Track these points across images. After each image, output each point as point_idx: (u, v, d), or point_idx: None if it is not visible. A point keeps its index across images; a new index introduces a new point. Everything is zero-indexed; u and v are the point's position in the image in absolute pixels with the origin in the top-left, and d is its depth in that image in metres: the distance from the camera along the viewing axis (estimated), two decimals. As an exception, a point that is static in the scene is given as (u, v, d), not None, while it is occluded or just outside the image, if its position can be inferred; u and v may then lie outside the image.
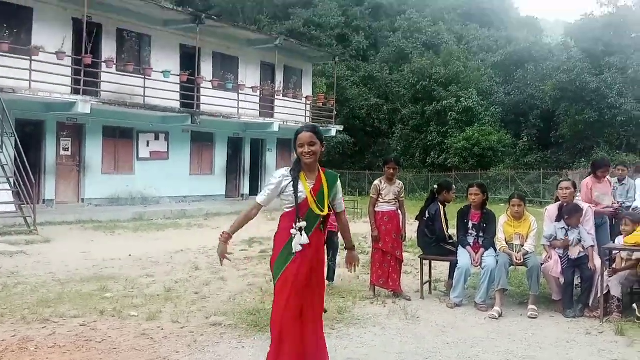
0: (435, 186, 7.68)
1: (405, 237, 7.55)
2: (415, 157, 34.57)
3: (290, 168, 4.18)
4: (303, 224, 4.03)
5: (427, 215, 7.41)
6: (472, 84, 34.31)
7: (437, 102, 33.44)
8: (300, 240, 4.03)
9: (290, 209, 4.11)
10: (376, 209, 7.36)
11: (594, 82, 29.01)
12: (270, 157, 25.29)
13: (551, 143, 32.35)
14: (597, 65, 30.34)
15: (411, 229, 7.96)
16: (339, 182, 4.26)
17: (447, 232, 7.40)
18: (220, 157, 23.04)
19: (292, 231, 4.03)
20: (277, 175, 4.19)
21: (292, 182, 4.09)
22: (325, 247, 5.04)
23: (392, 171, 7.32)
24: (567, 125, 30.62)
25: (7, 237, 11.96)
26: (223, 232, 4.20)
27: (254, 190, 24.81)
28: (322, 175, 4.16)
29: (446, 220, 7.43)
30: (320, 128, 4.45)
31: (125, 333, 5.51)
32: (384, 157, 7.66)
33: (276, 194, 4.16)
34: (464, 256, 6.91)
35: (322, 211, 4.06)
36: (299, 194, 4.06)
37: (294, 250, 4.01)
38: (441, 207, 7.45)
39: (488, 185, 7.49)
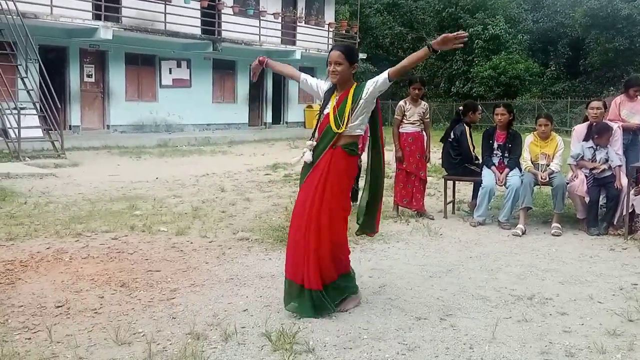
0: (461, 107, 7.60)
1: (430, 158, 7.54)
2: (440, 86, 34.08)
3: (329, 84, 4.14)
4: (311, 143, 4.01)
5: (452, 137, 7.37)
6: (500, 11, 33.32)
7: (463, 29, 32.54)
8: (304, 157, 4.03)
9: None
10: (400, 130, 7.34)
11: (626, 8, 27.99)
12: (293, 86, 25.12)
13: (579, 72, 31.60)
14: (631, -10, 29.17)
15: (435, 156, 7.93)
16: (367, 83, 4.03)
17: (472, 152, 7.38)
18: (242, 85, 22.95)
19: (305, 149, 4.04)
20: (317, 81, 4.26)
21: (324, 97, 4.09)
22: None
23: (417, 91, 7.24)
24: (596, 53, 29.78)
25: (36, 160, 12.21)
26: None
27: (277, 119, 24.84)
28: (352, 89, 4.02)
29: (472, 140, 7.39)
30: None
31: (156, 246, 5.67)
32: (409, 78, 7.55)
33: (310, 88, 4.23)
34: (488, 176, 6.90)
35: (338, 128, 3.94)
36: (325, 111, 4.04)
37: (305, 160, 4.03)
38: (467, 127, 7.40)
39: (514, 114, 7.38)
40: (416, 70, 34.00)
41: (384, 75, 3.97)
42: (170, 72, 20.24)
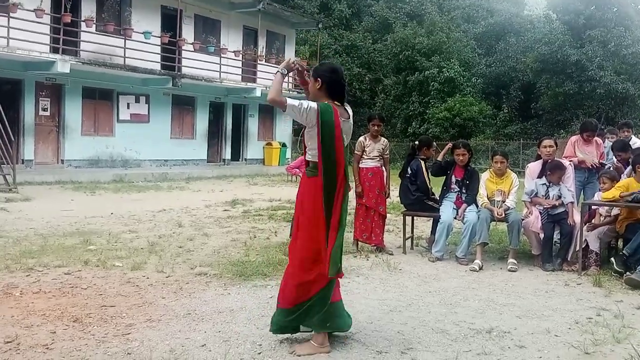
0: (416, 142, 7.74)
1: (389, 193, 7.62)
2: (397, 127, 34.58)
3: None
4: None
5: (409, 172, 7.48)
6: (455, 55, 34.25)
7: (419, 72, 33.34)
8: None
9: None
10: (360, 165, 7.42)
11: (575, 54, 29.18)
12: (252, 123, 25.21)
13: (531, 115, 32.60)
14: (579, 38, 30.47)
15: (394, 193, 8.02)
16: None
17: (430, 187, 7.49)
18: (201, 121, 22.89)
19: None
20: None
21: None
22: None
23: (376, 127, 7.36)
24: (547, 97, 30.83)
25: (-14, 194, 11.82)
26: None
27: (236, 155, 24.79)
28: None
29: (428, 175, 7.51)
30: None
31: (111, 281, 5.52)
32: (368, 115, 7.68)
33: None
34: (446, 212, 7.00)
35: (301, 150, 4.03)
36: None
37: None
38: (422, 162, 7.52)
39: (472, 153, 7.57)
40: (374, 108, 34.62)
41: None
42: (128, 107, 20.05)
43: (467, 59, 35.05)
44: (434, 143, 7.99)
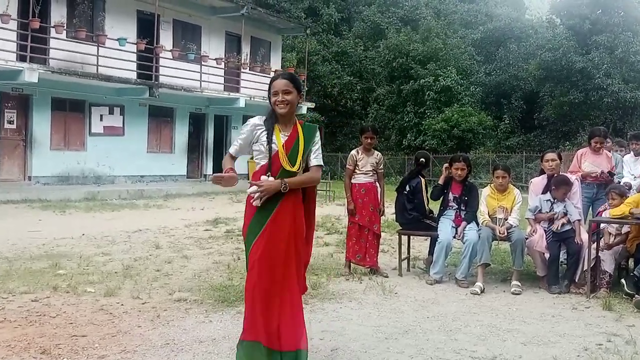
0: (422, 159, 7.76)
1: (384, 211, 7.63)
2: (391, 139, 34.72)
3: (263, 117, 4.10)
4: (270, 178, 3.92)
5: (407, 189, 7.50)
6: (452, 62, 34.50)
7: (414, 80, 33.55)
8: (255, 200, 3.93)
9: (264, 163, 4.00)
10: (352, 181, 7.43)
11: (580, 61, 29.45)
12: (236, 135, 25.17)
13: (534, 126, 32.84)
14: (584, 45, 30.79)
15: (389, 210, 8.05)
16: (318, 134, 4.15)
17: (427, 206, 7.52)
18: (180, 134, 22.88)
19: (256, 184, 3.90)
20: (249, 124, 4.10)
21: (265, 132, 4.00)
22: None
23: (369, 140, 7.38)
24: (551, 107, 31.08)
25: (-55, 214, 11.71)
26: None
27: (218, 170, 24.63)
28: (299, 127, 4.07)
29: (427, 194, 7.54)
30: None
31: (82, 308, 5.47)
32: (360, 127, 7.71)
33: (247, 144, 4.06)
34: (445, 230, 7.02)
35: (292, 167, 3.95)
36: (273, 146, 3.96)
37: (253, 203, 3.91)
38: (423, 180, 7.55)
39: (472, 167, 7.61)
40: (366, 120, 34.75)
41: (312, 163, 4.10)
42: (101, 119, 20.01)
43: (465, 67, 35.31)
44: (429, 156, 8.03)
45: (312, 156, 4.11)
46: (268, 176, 3.93)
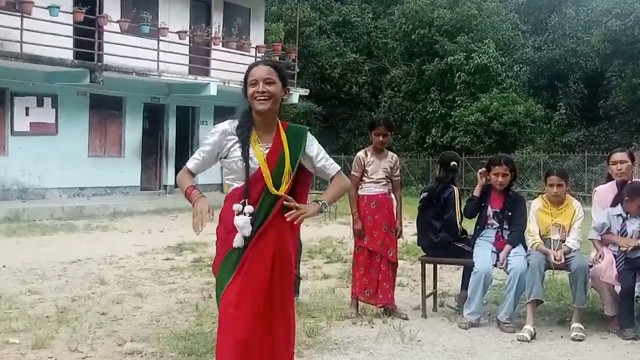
0: (454, 163, 7.77)
1: (401, 231, 7.62)
2: (410, 136, 34.73)
3: (236, 122, 4.11)
4: (249, 208, 3.95)
5: (439, 201, 7.47)
6: (489, 34, 34.56)
7: (440, 58, 33.62)
8: (243, 230, 3.95)
9: (239, 185, 4.05)
10: (360, 192, 7.42)
11: (660, 31, 29.55)
12: (205, 132, 25.11)
13: (599, 116, 32.86)
14: (664, 8, 30.93)
15: (408, 230, 8.00)
16: (309, 137, 4.17)
17: (460, 224, 7.52)
18: (132, 132, 22.87)
19: (237, 218, 3.95)
20: (216, 131, 4.11)
21: (238, 144, 4.02)
22: None
23: (381, 138, 7.38)
24: (620, 91, 31.09)
25: None
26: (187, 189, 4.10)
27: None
28: (282, 134, 4.10)
29: (460, 209, 7.54)
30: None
31: (3, 365, 5.48)
32: (370, 120, 7.72)
33: (213, 158, 4.10)
34: (482, 256, 7.01)
35: (277, 189, 3.98)
36: (251, 163, 3.99)
37: (235, 245, 3.96)
38: (455, 190, 7.56)
39: (516, 173, 7.59)
40: (378, 110, 34.75)
41: (330, 173, 4.21)
42: (27, 113, 19.98)
43: (506, 40, 35.34)
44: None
45: (321, 164, 4.19)
46: (243, 205, 3.95)
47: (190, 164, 4.14)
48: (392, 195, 7.51)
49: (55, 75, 19.89)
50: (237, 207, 3.97)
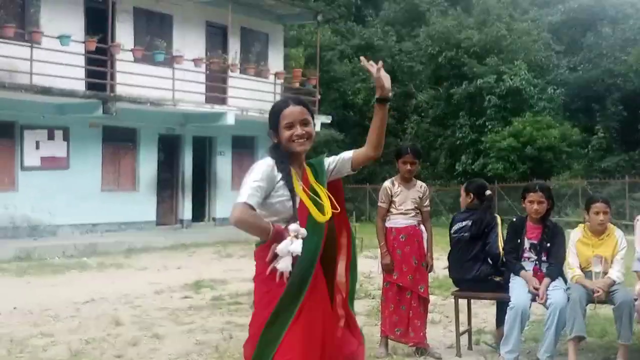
0: (488, 192, 7.78)
1: (432, 265, 7.59)
2: (439, 163, 34.72)
3: (272, 159, 4.07)
4: (303, 232, 3.89)
5: (482, 230, 7.46)
6: (521, 54, 34.58)
7: (468, 81, 33.66)
8: (295, 247, 3.85)
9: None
10: (387, 224, 7.41)
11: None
12: (223, 165, 25.28)
13: None
14: None
15: (439, 263, 7.94)
16: (325, 161, 4.30)
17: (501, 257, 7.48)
18: (147, 165, 22.98)
19: (294, 244, 3.85)
20: (264, 166, 4.02)
21: (283, 181, 4.00)
22: None
23: (409, 167, 7.39)
24: (663, 112, 30.96)
25: None
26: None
27: (199, 214, 24.80)
28: (307, 169, 4.21)
29: (502, 241, 7.51)
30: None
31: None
32: (396, 148, 7.72)
33: (264, 198, 3.99)
34: (519, 291, 6.94)
35: (324, 214, 4.03)
36: (297, 201, 4.03)
37: (282, 269, 3.86)
38: (498, 219, 7.53)
39: (554, 201, 7.53)
40: (404, 138, 34.73)
41: (346, 156, 4.24)
42: (37, 147, 20.15)
43: (539, 61, 35.33)
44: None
45: (335, 160, 4.31)
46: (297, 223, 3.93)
47: (252, 200, 3.88)
48: (422, 227, 7.50)
49: (67, 106, 20.05)
50: (294, 227, 3.88)
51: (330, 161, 4.27)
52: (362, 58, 4.24)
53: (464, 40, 34.54)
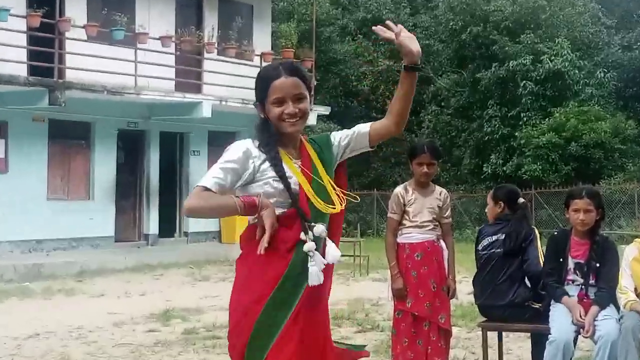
0: (522, 200, 7.79)
1: (455, 290, 7.58)
2: (463, 164, 34.71)
3: (252, 141, 4.10)
4: (322, 228, 3.96)
5: (519, 245, 7.47)
6: (563, 30, 34.63)
7: (499, 63, 33.67)
8: (319, 262, 3.90)
9: (280, 212, 3.99)
10: (399, 240, 7.40)
11: None
12: (198, 166, 25.19)
13: None
14: None
15: (462, 287, 7.94)
16: (332, 137, 4.33)
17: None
18: (103, 167, 23.01)
19: (306, 246, 3.90)
20: (239, 149, 4.04)
21: (269, 162, 3.99)
22: None
23: (425, 169, 7.36)
24: None
25: None
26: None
27: (168, 228, 24.73)
28: (307, 145, 4.20)
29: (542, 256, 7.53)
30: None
31: None
32: (410, 146, 7.73)
33: (236, 182, 4.01)
34: (560, 320, 6.94)
35: (333, 206, 4.03)
36: (292, 183, 4.00)
37: (310, 283, 3.90)
38: (537, 231, 7.53)
39: (604, 210, 7.53)
40: (419, 133, 34.69)
41: (363, 129, 4.26)
42: (-32, 146, 20.23)
43: (585, 38, 35.35)
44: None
45: (348, 134, 4.34)
46: (308, 229, 3.92)
47: (211, 182, 3.92)
48: (442, 243, 7.48)
49: (4, 96, 20.08)
50: (320, 228, 3.95)
51: (340, 136, 4.26)
52: (375, 28, 4.24)
53: (493, 13, 34.55)
